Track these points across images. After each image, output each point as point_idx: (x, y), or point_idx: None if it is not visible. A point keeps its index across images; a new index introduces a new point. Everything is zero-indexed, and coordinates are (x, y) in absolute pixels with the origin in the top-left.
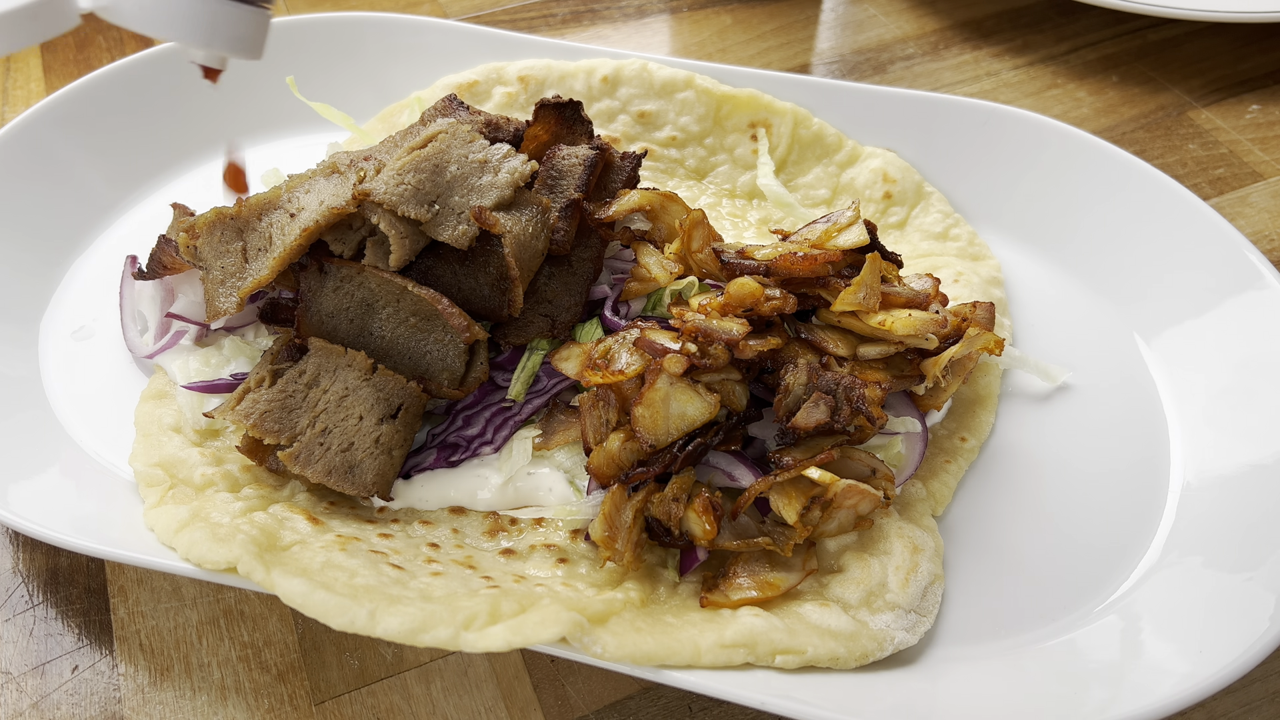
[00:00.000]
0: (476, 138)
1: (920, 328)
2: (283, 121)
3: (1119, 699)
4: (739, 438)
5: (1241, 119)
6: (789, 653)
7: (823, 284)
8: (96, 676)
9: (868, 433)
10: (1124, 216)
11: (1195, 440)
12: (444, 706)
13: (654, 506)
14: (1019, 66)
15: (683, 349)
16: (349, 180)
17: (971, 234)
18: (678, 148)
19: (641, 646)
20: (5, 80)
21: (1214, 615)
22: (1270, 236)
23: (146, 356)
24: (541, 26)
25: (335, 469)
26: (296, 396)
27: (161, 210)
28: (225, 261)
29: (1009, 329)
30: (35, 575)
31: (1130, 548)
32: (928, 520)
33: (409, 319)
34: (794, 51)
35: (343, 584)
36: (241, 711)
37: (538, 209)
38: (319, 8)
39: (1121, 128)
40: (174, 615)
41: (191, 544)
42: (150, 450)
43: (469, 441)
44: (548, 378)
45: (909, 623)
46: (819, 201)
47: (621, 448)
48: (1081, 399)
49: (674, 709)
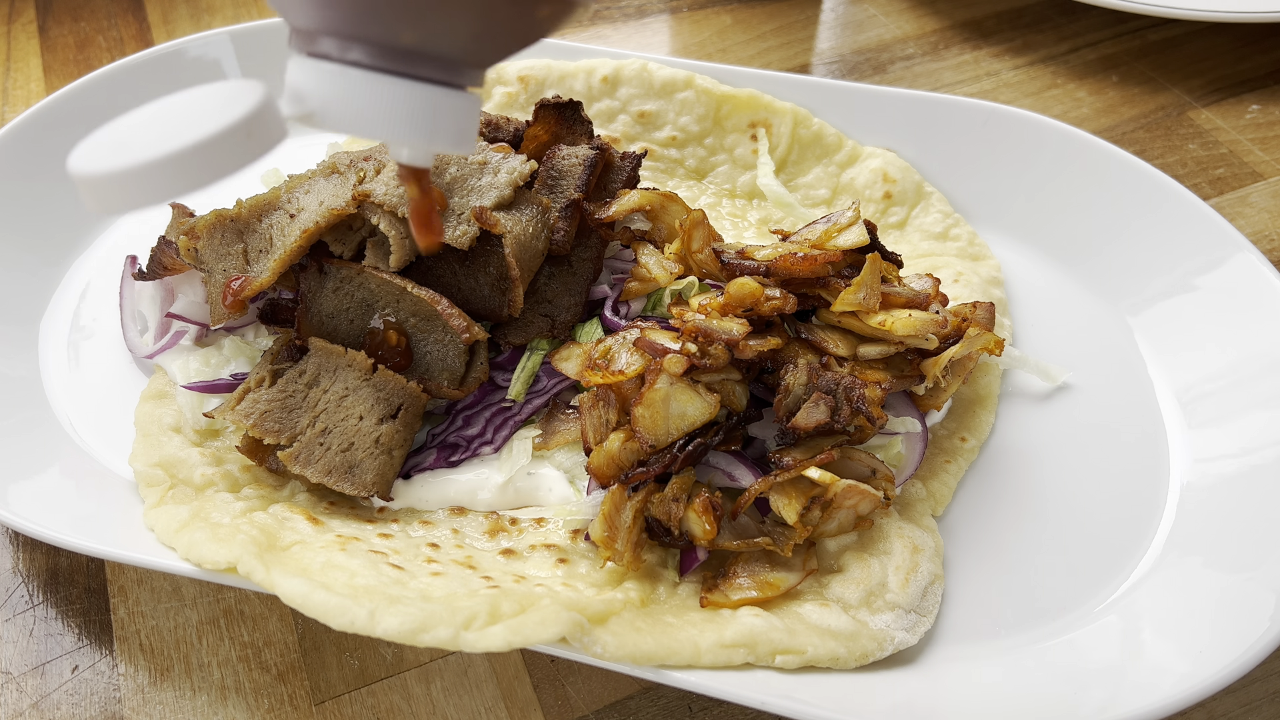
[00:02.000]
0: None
1: (920, 328)
2: None
3: (1119, 699)
4: (739, 438)
5: (1241, 119)
6: (789, 653)
7: (823, 284)
8: (96, 676)
9: (868, 433)
10: (1124, 216)
11: (1195, 440)
12: (444, 706)
13: (654, 506)
14: (1019, 66)
15: (683, 349)
16: (349, 181)
17: (971, 234)
18: (678, 148)
19: (641, 646)
20: (5, 80)
21: (1214, 615)
22: (1270, 236)
23: (146, 356)
24: None
25: (335, 469)
26: (296, 396)
27: (161, 210)
28: (227, 264)
29: (1009, 329)
30: (35, 575)
31: (1130, 548)
32: (928, 520)
33: (409, 319)
34: (794, 51)
35: (343, 584)
36: (241, 711)
37: (538, 209)
38: None
39: (1121, 128)
40: (174, 615)
41: (192, 544)
42: (150, 450)
43: (469, 441)
44: (548, 378)
45: (909, 623)
46: (819, 201)
47: (621, 448)
48: (1081, 399)
49: (674, 709)
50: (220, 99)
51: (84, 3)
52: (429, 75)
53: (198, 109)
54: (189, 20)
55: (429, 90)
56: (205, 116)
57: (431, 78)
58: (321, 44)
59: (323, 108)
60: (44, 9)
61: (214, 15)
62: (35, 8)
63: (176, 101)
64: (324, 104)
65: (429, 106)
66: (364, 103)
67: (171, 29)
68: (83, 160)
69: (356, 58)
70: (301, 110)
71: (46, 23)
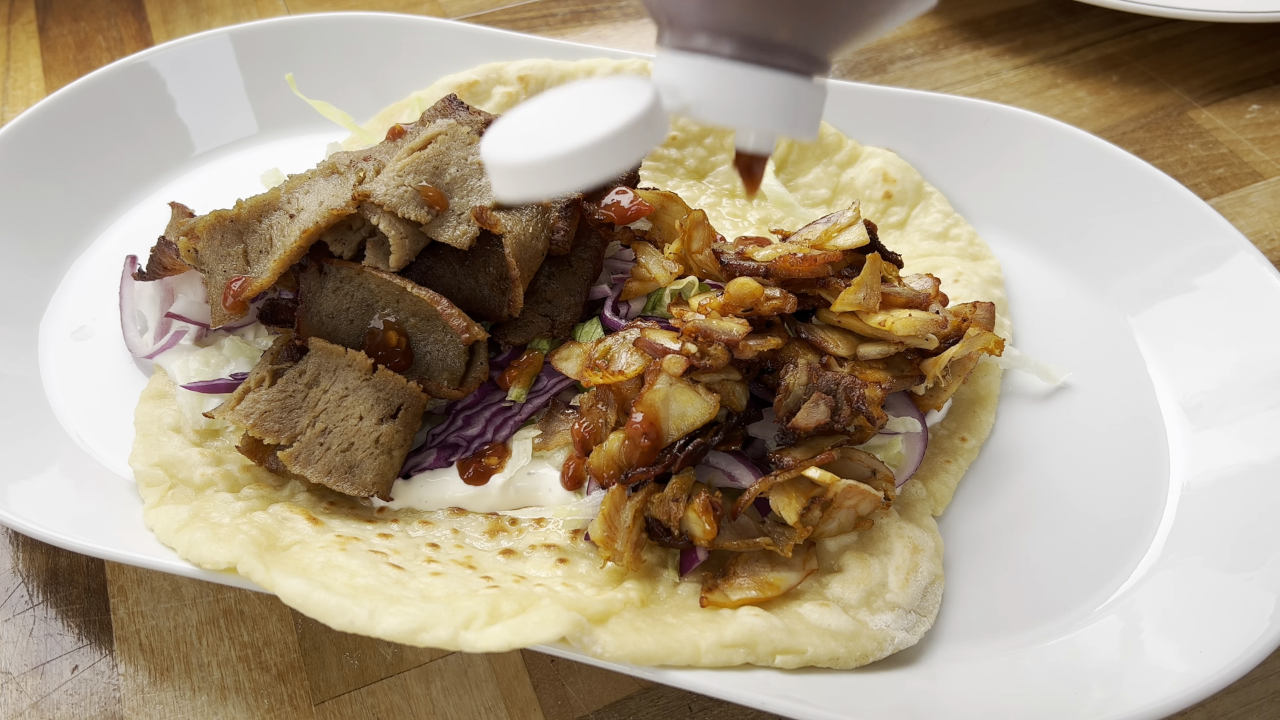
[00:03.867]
0: (476, 139)
1: (920, 328)
2: (283, 122)
3: (1119, 699)
4: (739, 438)
5: (1242, 119)
6: (789, 653)
7: (823, 284)
8: (96, 676)
9: (868, 433)
10: (1124, 216)
11: (1195, 440)
12: (444, 706)
13: (654, 506)
14: (1019, 66)
15: (683, 349)
16: (348, 181)
17: (971, 234)
18: (678, 147)
19: (641, 646)
20: (5, 80)
21: (1214, 615)
22: (1270, 236)
23: (146, 356)
24: (541, 26)
25: (335, 469)
26: (296, 396)
27: (161, 210)
28: (227, 265)
29: (1009, 329)
30: (35, 575)
31: (1130, 548)
32: (928, 520)
33: (409, 319)
34: None
35: (342, 584)
36: (241, 711)
37: (538, 209)
38: (319, 8)
39: (1121, 128)
40: (174, 615)
41: (191, 544)
42: (150, 450)
43: (469, 441)
44: (548, 378)
45: (909, 623)
46: (819, 201)
47: (621, 448)
48: (1081, 399)
49: (674, 709)
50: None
51: (84, 3)
52: (788, 65)
53: (593, 104)
54: (189, 20)
55: (792, 80)
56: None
57: (790, 67)
58: (697, 39)
59: (698, 99)
60: (44, 9)
61: (214, 15)
62: (35, 8)
63: (567, 97)
64: (699, 96)
65: (793, 96)
66: (738, 93)
67: (171, 29)
68: (495, 150)
69: (727, 51)
70: (678, 103)
71: (46, 23)
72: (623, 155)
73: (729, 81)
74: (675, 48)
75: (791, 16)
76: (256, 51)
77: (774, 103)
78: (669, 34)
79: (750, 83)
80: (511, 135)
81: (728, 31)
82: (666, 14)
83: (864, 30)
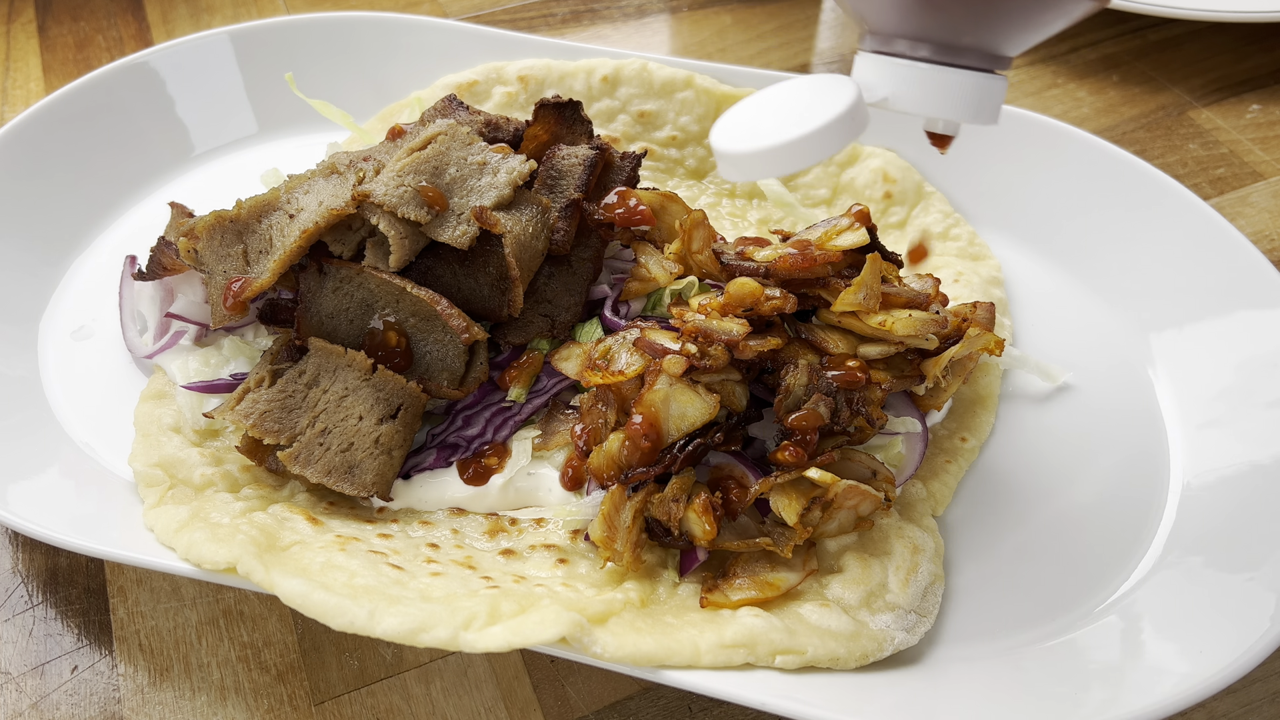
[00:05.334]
0: (476, 139)
1: (920, 328)
2: (283, 122)
3: (1119, 699)
4: (739, 438)
5: (1242, 119)
6: (789, 653)
7: (823, 284)
8: (96, 677)
9: (868, 433)
10: (1124, 216)
11: (1195, 440)
12: (444, 707)
13: (654, 507)
14: (1019, 66)
15: (683, 349)
16: (348, 181)
17: (971, 234)
18: (678, 147)
19: (641, 647)
20: (5, 80)
21: (1214, 615)
22: (1270, 236)
23: (146, 356)
24: (541, 26)
25: (335, 469)
26: (296, 396)
27: (161, 210)
28: (227, 265)
29: (1009, 329)
30: (35, 575)
31: (1130, 548)
32: (928, 520)
33: (408, 320)
34: (794, 51)
35: (342, 584)
36: (241, 711)
37: (538, 209)
38: (318, 7)
39: (1121, 128)
40: (174, 615)
41: (191, 544)
42: (150, 450)
43: (469, 441)
44: (548, 378)
45: (909, 623)
46: (819, 201)
47: (621, 448)
48: (1081, 399)
49: (674, 709)
50: (820, 90)
51: (83, 3)
52: (973, 64)
53: (804, 99)
54: (189, 20)
55: (976, 76)
56: (817, 105)
57: (975, 66)
58: (896, 45)
59: (894, 94)
60: (44, 9)
61: (214, 15)
62: (35, 7)
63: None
64: (895, 91)
65: (976, 90)
66: (929, 90)
67: (171, 29)
68: (724, 140)
69: (923, 54)
70: (876, 98)
71: (46, 22)
72: (833, 143)
73: (921, 79)
74: (876, 51)
75: (974, 26)
76: (256, 51)
77: (960, 96)
78: (870, 38)
79: (940, 81)
80: (737, 127)
81: (923, 38)
82: (868, 23)
83: (1037, 33)
